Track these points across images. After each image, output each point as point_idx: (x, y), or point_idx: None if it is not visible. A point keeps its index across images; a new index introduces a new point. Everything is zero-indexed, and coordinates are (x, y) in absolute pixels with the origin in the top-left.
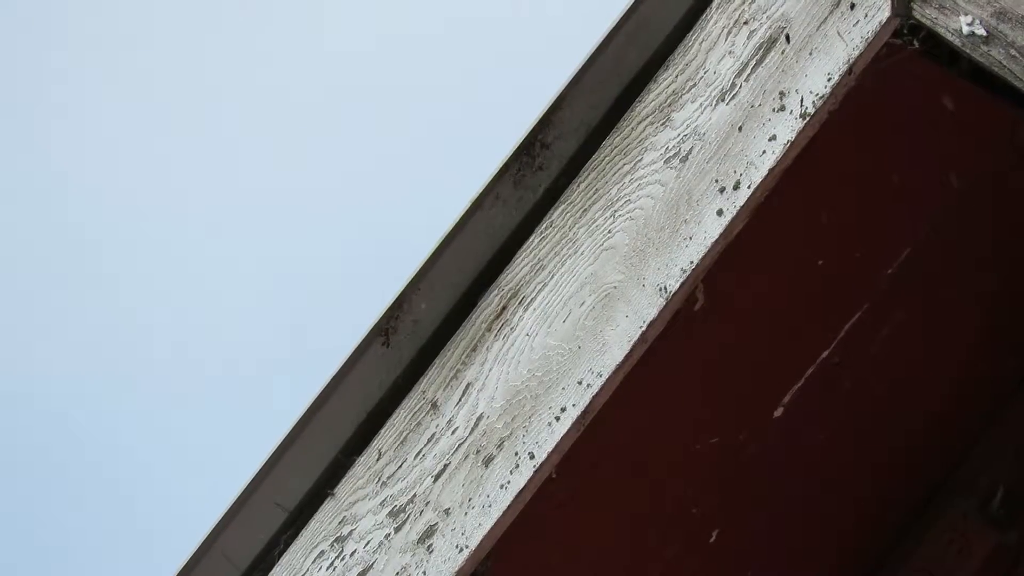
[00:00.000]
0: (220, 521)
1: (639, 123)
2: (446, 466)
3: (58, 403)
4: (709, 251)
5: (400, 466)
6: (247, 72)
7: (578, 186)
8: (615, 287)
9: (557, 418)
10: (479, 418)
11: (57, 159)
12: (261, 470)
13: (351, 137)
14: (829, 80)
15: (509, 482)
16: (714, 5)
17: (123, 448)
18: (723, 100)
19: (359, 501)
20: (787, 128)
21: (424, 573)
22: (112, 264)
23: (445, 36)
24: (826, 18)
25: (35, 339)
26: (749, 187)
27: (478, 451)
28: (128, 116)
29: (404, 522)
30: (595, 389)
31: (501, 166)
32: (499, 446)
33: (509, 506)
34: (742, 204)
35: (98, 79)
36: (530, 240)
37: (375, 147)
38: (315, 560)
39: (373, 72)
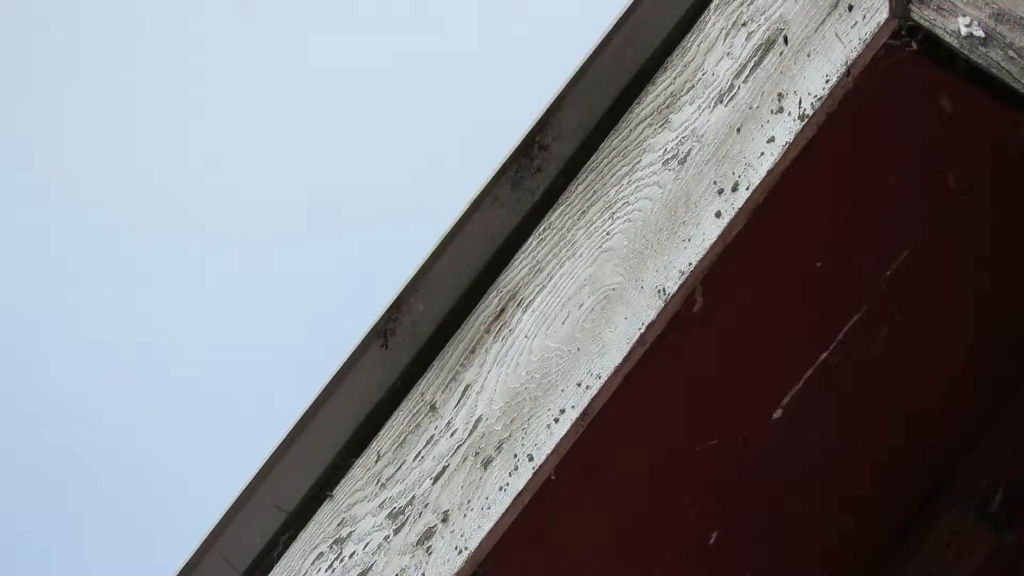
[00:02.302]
0: (219, 523)
1: (637, 125)
2: (445, 468)
3: (58, 404)
4: (707, 253)
5: (399, 468)
6: (249, 77)
7: (576, 188)
8: (613, 289)
9: (556, 420)
10: (478, 420)
11: (57, 174)
12: (260, 472)
13: (349, 139)
14: (827, 82)
15: (508, 484)
16: (712, 6)
17: (122, 450)
18: (721, 102)
19: (358, 503)
20: (785, 130)
21: (423, 575)
22: (113, 265)
23: (444, 38)
24: (824, 20)
25: (35, 341)
26: (747, 189)
27: (477, 453)
28: (133, 128)
29: (403, 524)
30: (594, 391)
31: (499, 168)
32: (498, 448)
33: (508, 508)
34: (740, 206)
35: (101, 96)
36: (528, 242)
37: (373, 149)
38: (314, 562)
39: (373, 74)
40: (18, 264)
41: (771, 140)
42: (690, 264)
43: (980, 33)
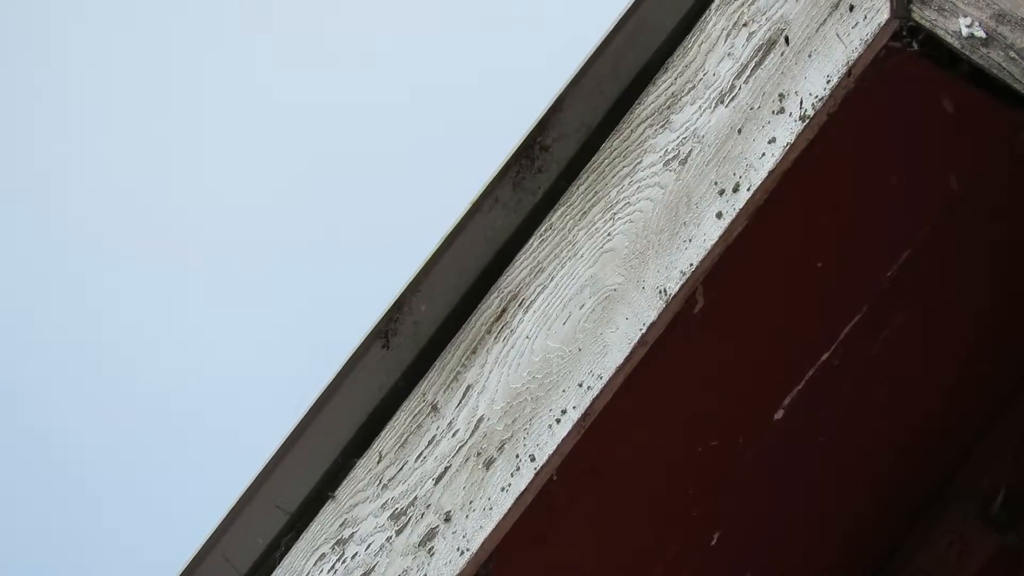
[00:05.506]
0: (221, 524)
1: (638, 125)
2: (447, 469)
3: (59, 405)
4: (708, 253)
5: (401, 468)
6: (248, 72)
7: (577, 188)
8: (615, 289)
9: (558, 420)
10: (479, 420)
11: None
12: (262, 473)
13: (352, 137)
14: (828, 82)
15: (510, 484)
16: (713, 7)
17: (125, 450)
18: (722, 102)
19: (360, 504)
20: (786, 130)
21: None
22: (115, 265)
23: (445, 36)
24: (825, 20)
25: (36, 344)
26: (748, 189)
27: (479, 453)
28: (133, 129)
29: (405, 525)
30: (595, 391)
31: (500, 168)
32: (500, 448)
33: (510, 509)
34: (741, 207)
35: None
36: (529, 242)
37: (376, 148)
38: (316, 563)
39: (375, 74)
40: (19, 268)
41: (772, 141)
42: (691, 265)
43: (981, 34)
